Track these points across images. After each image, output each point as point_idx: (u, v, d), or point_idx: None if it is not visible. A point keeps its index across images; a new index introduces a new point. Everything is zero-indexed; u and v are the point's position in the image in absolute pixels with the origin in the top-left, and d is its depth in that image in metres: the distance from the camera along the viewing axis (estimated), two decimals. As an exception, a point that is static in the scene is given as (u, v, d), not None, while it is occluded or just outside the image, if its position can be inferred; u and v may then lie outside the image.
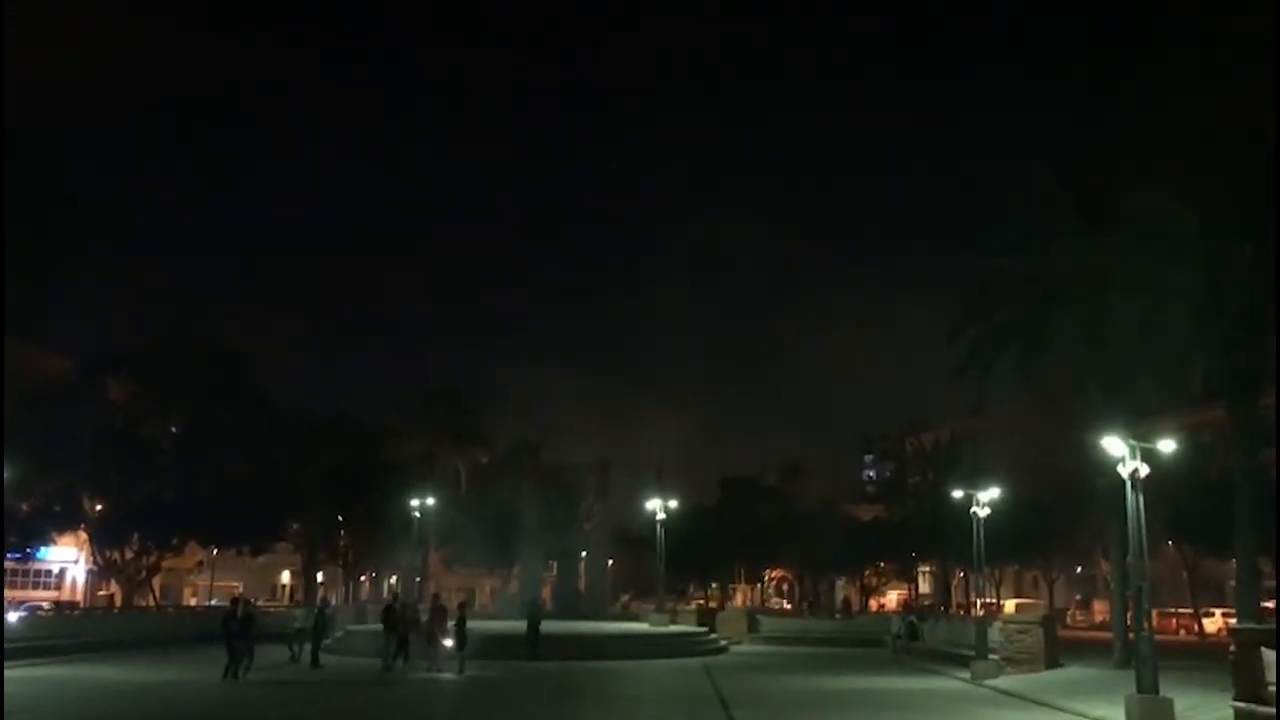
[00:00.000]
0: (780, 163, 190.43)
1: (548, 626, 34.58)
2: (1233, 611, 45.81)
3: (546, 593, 63.14)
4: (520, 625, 33.52)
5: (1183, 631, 52.60)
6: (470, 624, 28.69)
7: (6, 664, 27.25)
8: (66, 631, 34.68)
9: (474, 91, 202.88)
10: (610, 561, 69.95)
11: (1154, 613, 21.81)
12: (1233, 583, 32.63)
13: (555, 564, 68.82)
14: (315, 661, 29.38)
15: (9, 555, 48.17)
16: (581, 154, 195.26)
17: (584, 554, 68.39)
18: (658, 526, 46.21)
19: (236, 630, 25.18)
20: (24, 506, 44.10)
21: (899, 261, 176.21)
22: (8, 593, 55.07)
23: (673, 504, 47.99)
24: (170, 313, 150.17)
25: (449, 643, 28.40)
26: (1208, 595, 54.68)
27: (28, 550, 48.26)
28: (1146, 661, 17.97)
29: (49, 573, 61.28)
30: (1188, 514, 43.89)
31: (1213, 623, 52.23)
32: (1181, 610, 54.61)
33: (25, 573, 58.07)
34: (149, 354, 50.43)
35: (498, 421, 70.85)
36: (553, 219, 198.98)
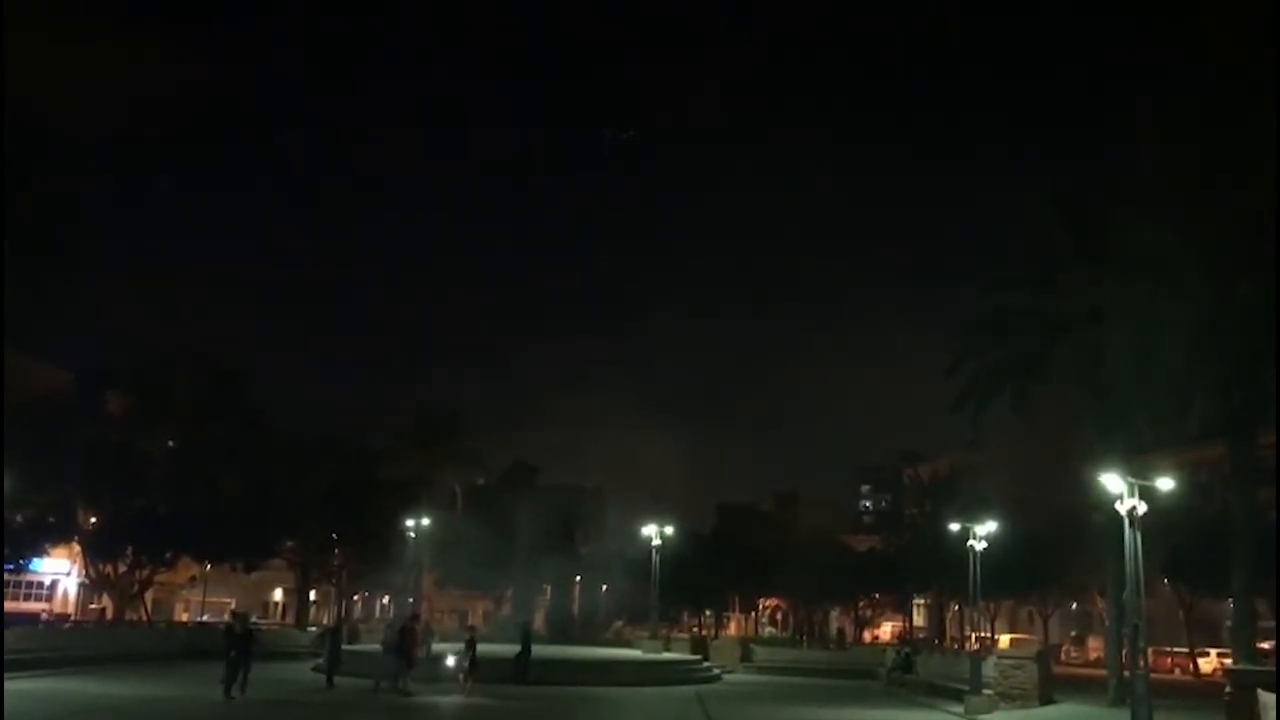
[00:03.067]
0: (781, 196, 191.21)
1: (539, 650, 34.36)
2: (1228, 652, 45.73)
3: (540, 616, 62.88)
4: (511, 648, 33.34)
5: (1178, 671, 52.25)
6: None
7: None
8: (57, 645, 34.38)
9: (475, 112, 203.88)
10: (605, 587, 69.70)
11: (1149, 651, 21.73)
12: (1229, 623, 32.52)
13: (549, 587, 68.61)
14: (331, 681, 29.25)
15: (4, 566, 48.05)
16: (582, 181, 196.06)
17: (579, 578, 68.21)
18: (653, 553, 46.05)
19: (236, 645, 25.00)
20: (18, 518, 43.90)
21: (899, 294, 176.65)
22: (-1, 604, 54.87)
23: (669, 530, 47.85)
24: (168, 328, 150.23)
25: (450, 662, 28.37)
26: (1204, 635, 54.37)
27: (20, 562, 47.97)
28: (1141, 700, 17.90)
29: (41, 585, 60.94)
30: (1185, 552, 43.73)
31: (1208, 663, 51.89)
32: (1177, 649, 54.27)
33: (18, 584, 57.71)
34: (146, 368, 50.42)
35: (495, 444, 70.94)
36: (553, 245, 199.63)
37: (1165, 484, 20.40)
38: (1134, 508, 18.99)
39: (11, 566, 48.49)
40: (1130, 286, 26.40)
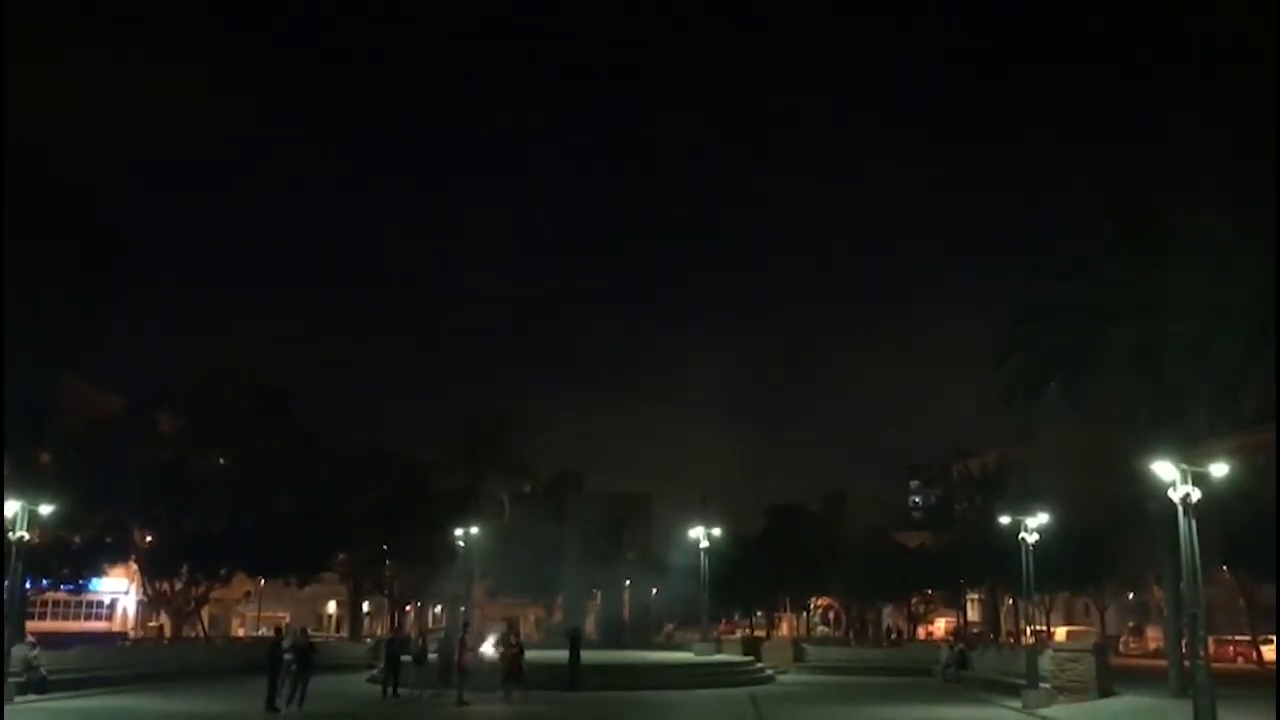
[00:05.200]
0: (822, 190, 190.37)
1: (590, 656, 34.42)
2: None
3: (590, 622, 63.02)
4: (563, 655, 33.45)
5: (1240, 659, 51.40)
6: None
7: (62, 695, 27.80)
8: (117, 662, 35.03)
9: (515, 119, 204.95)
10: (654, 591, 69.75)
11: (1210, 640, 21.38)
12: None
13: (599, 593, 68.76)
14: (395, 692, 29.56)
15: (63, 587, 49.02)
16: (624, 185, 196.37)
17: (628, 583, 68.28)
18: (702, 555, 46.02)
19: (292, 658, 25.29)
20: (76, 539, 44.88)
21: (944, 288, 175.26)
22: (63, 624, 55.99)
23: (716, 532, 47.77)
24: (215, 347, 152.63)
25: (488, 648, 28.74)
26: (1266, 622, 53.41)
27: (80, 581, 48.96)
28: (1203, 690, 17.61)
29: (100, 604, 62.11)
30: (1243, 538, 42.90)
31: (1271, 650, 51.00)
32: (1239, 637, 53.38)
33: (78, 604, 58.90)
34: (196, 389, 51.31)
35: (541, 452, 71.28)
36: (599, 247, 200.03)
37: (1219, 470, 20.02)
38: (1188, 495, 18.69)
39: (71, 586, 49.53)
40: (1181, 273, 26.02)
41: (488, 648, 29.78)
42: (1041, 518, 33.77)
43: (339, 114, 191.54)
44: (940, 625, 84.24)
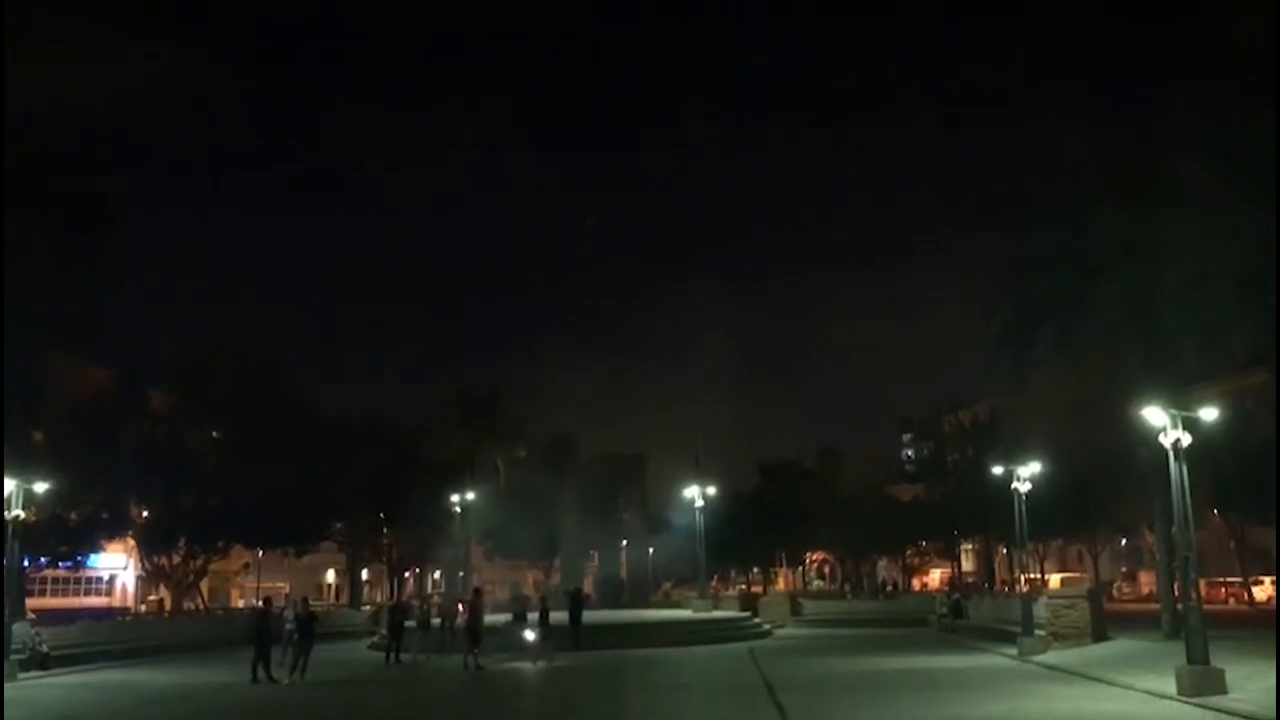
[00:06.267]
0: (809, 145, 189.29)
1: (590, 616, 34.72)
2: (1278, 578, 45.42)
3: (589, 582, 63.49)
4: (563, 616, 33.73)
5: (1232, 601, 52.05)
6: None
7: (64, 670, 27.98)
8: (118, 637, 35.25)
9: (503, 88, 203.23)
10: (651, 550, 70.23)
11: (1202, 583, 21.60)
12: (1281, 550, 32.27)
13: (596, 554, 69.23)
14: (397, 658, 29.81)
15: (61, 564, 49.10)
16: (615, 145, 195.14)
17: (624, 543, 68.75)
18: (697, 514, 46.28)
19: (294, 628, 25.46)
20: (73, 515, 44.91)
21: (931, 239, 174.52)
22: (63, 600, 56.20)
23: (711, 491, 47.99)
24: (205, 320, 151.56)
25: (530, 635, 29.17)
26: (1257, 563, 54.04)
27: (78, 558, 49.04)
28: (1196, 632, 17.81)
29: (99, 580, 62.34)
30: (1234, 482, 43.31)
31: (1262, 591, 51.67)
32: (1230, 579, 54.03)
33: (77, 580, 59.12)
34: (187, 364, 51.20)
35: (535, 416, 71.42)
36: (588, 209, 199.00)
37: (1209, 414, 20.12)
38: (1178, 440, 18.79)
39: (69, 563, 49.61)
40: (1168, 219, 25.98)
41: (529, 634, 29.94)
42: (1034, 467, 33.94)
43: (329, 83, 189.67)
44: (935, 577, 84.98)
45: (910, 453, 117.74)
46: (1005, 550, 71.30)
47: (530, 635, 29.43)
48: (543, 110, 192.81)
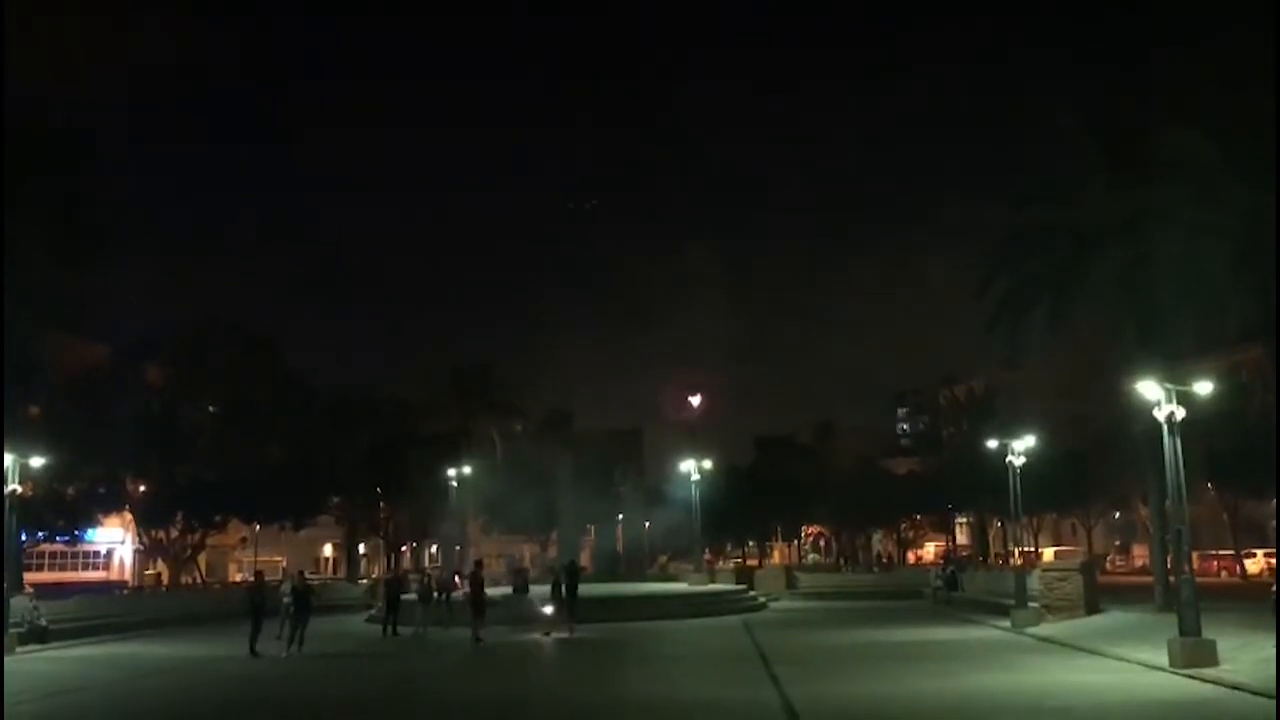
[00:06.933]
0: (804, 122, 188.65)
1: (587, 589, 34.84)
2: (1275, 552, 45.67)
3: (585, 556, 63.69)
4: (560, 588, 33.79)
5: (1224, 573, 52.40)
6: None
7: (62, 643, 28.10)
8: (116, 611, 35.38)
9: (495, 62, 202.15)
10: (647, 524, 70.42)
11: (1194, 555, 21.71)
12: (1274, 523, 32.40)
13: (593, 527, 69.38)
14: (394, 631, 29.94)
15: (58, 538, 49.20)
16: (608, 119, 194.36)
17: (620, 517, 68.87)
18: (693, 487, 46.41)
19: (290, 601, 25.54)
20: (70, 490, 45.00)
21: (926, 213, 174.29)
22: (61, 575, 56.36)
23: (707, 465, 48.12)
24: (200, 296, 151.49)
25: (548, 610, 29.54)
26: (1249, 537, 54.38)
27: (76, 532, 49.16)
28: (1188, 604, 17.91)
29: (97, 554, 62.49)
30: (1227, 456, 43.52)
31: (1255, 563, 52.01)
32: (1223, 552, 54.35)
33: (74, 554, 59.26)
34: (182, 339, 51.14)
35: (531, 390, 71.39)
36: (580, 185, 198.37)
37: (1203, 388, 20.16)
38: (1172, 414, 18.84)
39: (67, 538, 49.73)
40: (1163, 192, 25.93)
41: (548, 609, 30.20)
42: (1028, 441, 34.03)
43: (307, 57, 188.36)
44: (929, 550, 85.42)
45: (905, 427, 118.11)
46: (999, 524, 71.68)
47: (548, 609, 29.59)
48: (541, 85, 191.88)
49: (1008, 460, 33.63)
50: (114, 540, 61.79)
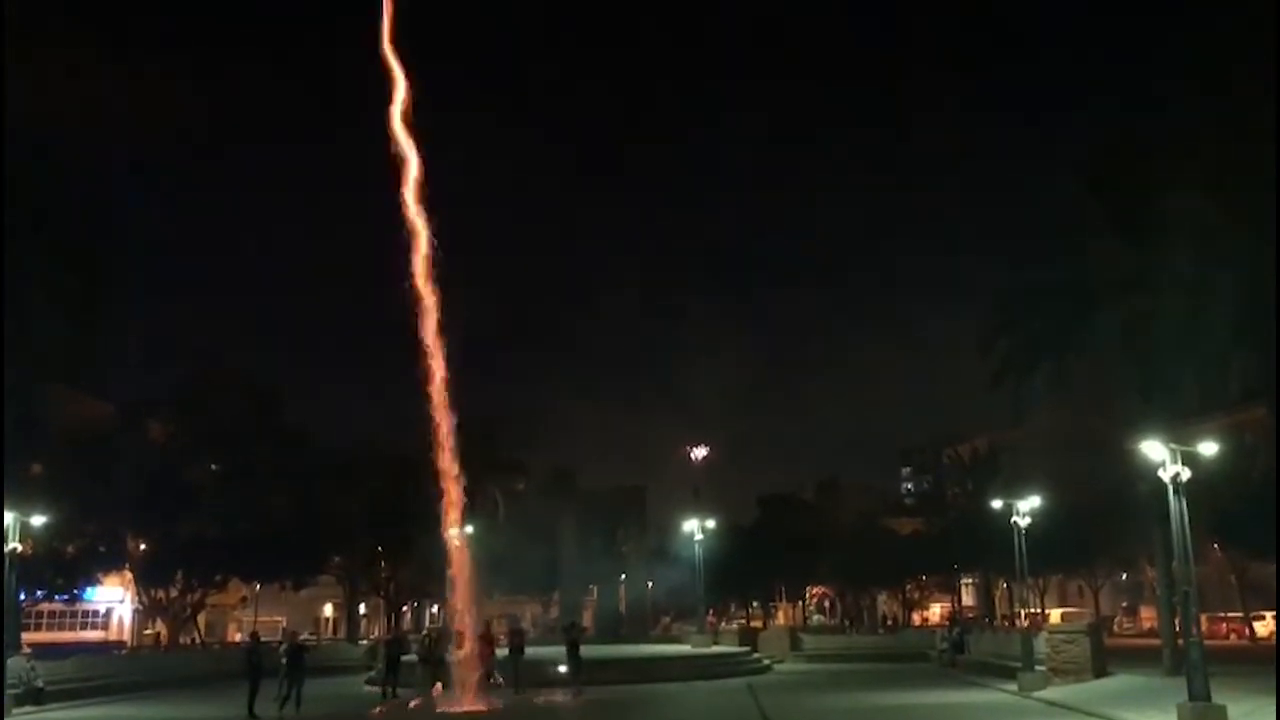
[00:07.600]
0: (809, 177, 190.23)
1: (589, 651, 34.47)
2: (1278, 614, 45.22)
3: (587, 617, 63.08)
4: (559, 650, 33.45)
5: (1233, 636, 51.79)
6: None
7: (59, 705, 27.77)
8: (114, 671, 35.00)
9: (491, 111, 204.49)
10: (650, 583, 69.86)
11: (1203, 617, 21.53)
12: (1282, 585, 32.16)
13: (595, 588, 68.84)
14: (394, 693, 29.57)
15: (57, 597, 48.86)
16: (608, 174, 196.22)
17: (623, 577, 68.36)
18: (696, 547, 46.11)
19: (290, 661, 25.28)
20: (69, 548, 44.76)
21: (930, 273, 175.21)
22: (59, 634, 55.90)
23: (710, 524, 47.83)
24: (200, 351, 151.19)
25: (562, 668, 29.66)
26: (1258, 598, 53.77)
27: (75, 591, 48.82)
28: (1197, 668, 17.72)
29: (96, 613, 62.03)
30: (1234, 516, 43.22)
31: (1264, 626, 51.39)
32: (1231, 614, 53.77)
33: (73, 613, 58.84)
34: (184, 396, 51.14)
35: (533, 450, 71.00)
36: (588, 238, 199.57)
37: (1208, 449, 20.14)
38: (1177, 474, 18.80)
39: (66, 597, 49.39)
40: (1166, 251, 26.11)
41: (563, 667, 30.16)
42: (1033, 501, 33.98)
43: (299, 105, 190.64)
44: (935, 611, 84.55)
45: (910, 485, 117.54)
46: (1005, 585, 71.03)
47: (562, 669, 29.40)
48: (549, 138, 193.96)
49: (1013, 520, 33.49)
50: (113, 599, 61.38)
